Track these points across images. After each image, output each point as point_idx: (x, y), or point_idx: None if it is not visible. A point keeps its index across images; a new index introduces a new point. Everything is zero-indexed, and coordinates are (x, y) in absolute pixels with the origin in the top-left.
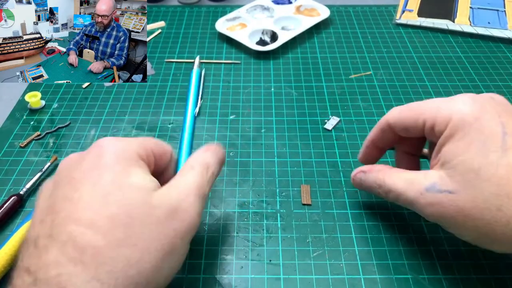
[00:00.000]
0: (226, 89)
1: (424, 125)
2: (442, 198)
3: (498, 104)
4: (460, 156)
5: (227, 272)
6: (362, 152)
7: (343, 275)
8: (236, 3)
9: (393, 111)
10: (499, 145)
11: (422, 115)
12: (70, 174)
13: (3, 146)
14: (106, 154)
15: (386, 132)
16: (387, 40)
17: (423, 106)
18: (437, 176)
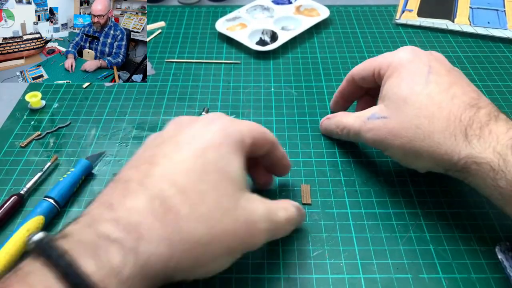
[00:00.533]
0: (226, 89)
1: (374, 71)
2: (378, 123)
3: (434, 56)
4: (394, 88)
5: (226, 271)
6: (332, 101)
7: (343, 274)
8: (236, 3)
9: (357, 65)
10: (423, 80)
11: (373, 63)
12: (177, 135)
13: (4, 146)
14: (215, 132)
15: (351, 83)
16: (387, 40)
17: (376, 58)
18: (377, 108)
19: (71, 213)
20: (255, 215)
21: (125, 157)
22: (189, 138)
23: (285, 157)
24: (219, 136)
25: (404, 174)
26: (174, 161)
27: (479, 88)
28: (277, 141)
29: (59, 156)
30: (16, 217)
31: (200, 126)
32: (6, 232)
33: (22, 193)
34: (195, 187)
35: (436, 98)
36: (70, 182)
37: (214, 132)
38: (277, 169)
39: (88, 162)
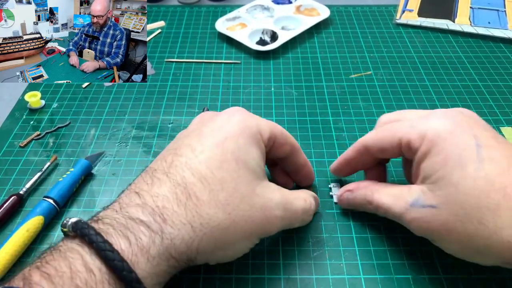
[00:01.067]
0: (226, 89)
1: (400, 144)
2: (426, 212)
3: (469, 117)
4: (439, 171)
5: (227, 272)
6: (335, 166)
7: (344, 275)
8: (236, 3)
9: (368, 134)
10: (474, 157)
11: (397, 133)
12: (200, 127)
13: (3, 145)
14: (234, 124)
15: (363, 154)
16: (387, 40)
17: (397, 125)
18: (419, 191)
19: (71, 213)
20: (271, 203)
21: (125, 157)
22: (210, 130)
23: (307, 166)
24: (238, 128)
25: None
26: (197, 151)
27: (480, 88)
28: (299, 147)
29: (58, 156)
30: (16, 217)
31: (221, 119)
32: (6, 232)
33: (21, 193)
34: (215, 175)
35: (497, 182)
36: (69, 182)
37: (233, 124)
38: (299, 177)
39: (87, 162)
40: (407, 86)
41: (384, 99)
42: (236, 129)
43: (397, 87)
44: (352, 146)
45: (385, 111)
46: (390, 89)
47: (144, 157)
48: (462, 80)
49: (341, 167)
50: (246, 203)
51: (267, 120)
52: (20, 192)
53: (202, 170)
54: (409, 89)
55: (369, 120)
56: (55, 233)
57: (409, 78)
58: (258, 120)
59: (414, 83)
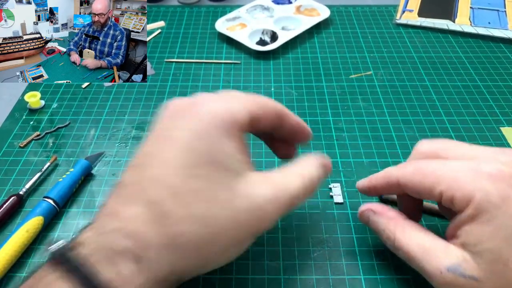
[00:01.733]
0: (226, 89)
1: (440, 196)
2: (465, 283)
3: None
4: (487, 242)
5: (227, 272)
6: (362, 185)
7: (344, 275)
8: (236, 3)
9: (404, 170)
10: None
11: (438, 185)
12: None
13: (3, 146)
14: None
15: (393, 187)
16: (387, 40)
17: (440, 173)
18: (460, 257)
19: (71, 213)
20: (259, 199)
21: (125, 157)
22: (178, 132)
23: (300, 123)
24: (208, 123)
25: None
26: (165, 160)
27: (480, 88)
28: (286, 110)
29: (58, 156)
30: (15, 218)
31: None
32: (5, 233)
33: (21, 193)
34: (187, 186)
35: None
36: (69, 182)
37: (202, 119)
38: (296, 137)
39: (87, 163)
40: (407, 86)
41: (384, 99)
42: (205, 125)
43: (397, 87)
44: (382, 175)
45: (385, 111)
46: (390, 89)
47: None
48: (462, 80)
49: (369, 190)
50: (228, 209)
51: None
52: (20, 193)
53: (173, 182)
54: (409, 89)
55: (369, 120)
56: (55, 234)
57: (409, 78)
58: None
59: (414, 83)
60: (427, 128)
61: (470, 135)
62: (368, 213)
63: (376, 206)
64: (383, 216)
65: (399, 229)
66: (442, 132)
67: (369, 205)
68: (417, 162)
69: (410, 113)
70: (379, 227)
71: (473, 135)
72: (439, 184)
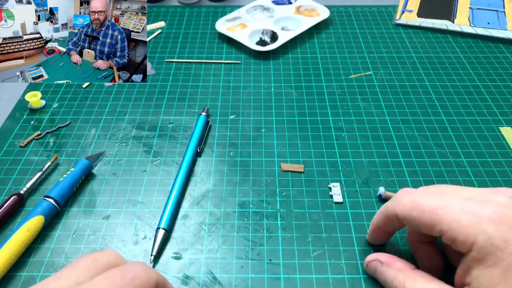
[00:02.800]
0: (226, 89)
1: (441, 234)
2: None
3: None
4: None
5: (227, 271)
6: (369, 233)
7: (343, 274)
8: (236, 3)
9: (402, 203)
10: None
11: (438, 224)
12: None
13: (4, 145)
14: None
15: (393, 221)
16: (386, 41)
17: (439, 213)
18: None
19: (71, 212)
20: None
21: (125, 157)
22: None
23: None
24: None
25: (404, 174)
26: None
27: (479, 88)
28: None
29: (59, 156)
30: (16, 217)
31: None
32: (6, 232)
33: (22, 192)
34: None
35: None
36: (70, 181)
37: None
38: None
39: (88, 162)
40: (407, 86)
41: (383, 99)
42: None
43: (396, 87)
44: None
45: (385, 111)
46: (390, 89)
47: (144, 157)
48: (462, 81)
49: (376, 234)
50: None
51: None
52: (21, 192)
53: None
54: (409, 89)
55: (368, 120)
56: (55, 233)
57: (409, 78)
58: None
59: (414, 83)
60: (426, 128)
61: (469, 135)
62: (376, 264)
63: (384, 257)
64: (391, 267)
65: (409, 281)
66: (441, 132)
67: (376, 255)
68: (414, 194)
69: (409, 113)
70: (387, 279)
71: (472, 135)
72: (439, 223)
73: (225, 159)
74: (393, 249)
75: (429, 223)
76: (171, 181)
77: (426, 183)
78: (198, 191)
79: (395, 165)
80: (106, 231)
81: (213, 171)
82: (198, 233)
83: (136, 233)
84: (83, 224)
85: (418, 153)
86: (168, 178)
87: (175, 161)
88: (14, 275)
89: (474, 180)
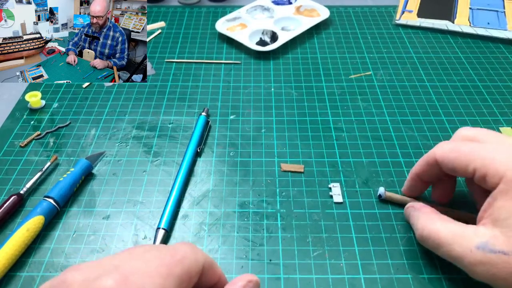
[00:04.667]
0: (226, 89)
1: (474, 173)
2: (495, 258)
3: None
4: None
5: (227, 271)
6: (406, 184)
7: (343, 274)
8: (236, 3)
9: (442, 148)
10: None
11: (473, 162)
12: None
13: (3, 145)
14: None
15: (433, 166)
16: (386, 41)
17: (474, 153)
18: (489, 235)
19: (71, 213)
20: None
21: (125, 157)
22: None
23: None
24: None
25: (404, 174)
26: None
27: (479, 88)
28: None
29: (58, 156)
30: (16, 217)
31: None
32: (6, 232)
33: (21, 192)
34: None
35: None
36: (70, 182)
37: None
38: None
39: (88, 162)
40: (407, 86)
41: (383, 100)
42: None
43: (396, 87)
44: (422, 158)
45: (385, 111)
46: (390, 90)
47: (144, 157)
48: (462, 81)
49: (413, 182)
50: None
51: None
52: (21, 192)
53: None
54: (409, 89)
55: (368, 120)
56: (55, 233)
57: (409, 78)
58: None
59: (414, 83)
60: (426, 128)
61: None
62: (410, 209)
63: (416, 204)
64: (420, 211)
65: (430, 221)
66: (441, 132)
67: (412, 203)
68: (455, 142)
69: (409, 113)
70: (415, 220)
71: None
72: (473, 162)
73: (225, 159)
74: (393, 249)
75: (464, 163)
76: (171, 181)
77: None
78: (198, 191)
79: (395, 165)
80: (106, 231)
81: (213, 171)
82: (198, 233)
83: (136, 233)
84: (83, 224)
85: (418, 153)
86: (168, 178)
87: (175, 161)
88: (14, 275)
89: None
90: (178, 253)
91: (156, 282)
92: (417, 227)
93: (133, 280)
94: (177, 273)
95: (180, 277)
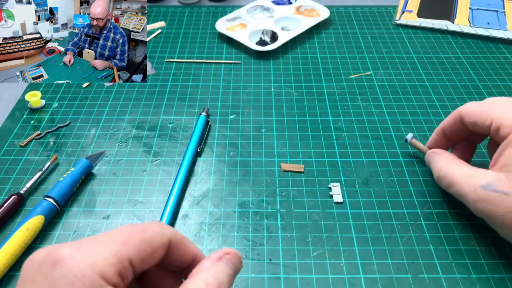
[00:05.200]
0: (226, 89)
1: (490, 125)
2: (495, 197)
3: None
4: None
5: None
6: (431, 138)
7: (343, 274)
8: (236, 3)
9: (468, 104)
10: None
11: (491, 115)
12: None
13: (3, 145)
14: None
15: (457, 122)
16: (386, 41)
17: (494, 107)
18: (495, 177)
19: (71, 212)
20: None
21: (125, 156)
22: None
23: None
24: None
25: (404, 174)
26: None
27: (479, 88)
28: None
29: (59, 156)
30: (16, 217)
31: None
32: (6, 232)
33: (21, 192)
34: None
35: None
36: (70, 181)
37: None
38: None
39: (88, 162)
40: (407, 86)
41: (383, 99)
42: None
43: (396, 87)
44: (449, 115)
45: (385, 111)
46: (390, 89)
47: (144, 157)
48: (461, 81)
49: (438, 137)
50: None
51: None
52: (21, 192)
53: None
54: (409, 89)
55: (368, 120)
56: (55, 233)
57: (409, 78)
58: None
59: (414, 83)
60: (426, 128)
61: None
62: (431, 155)
63: (437, 150)
64: (440, 155)
65: (449, 163)
66: None
67: (434, 149)
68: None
69: (409, 113)
70: (435, 164)
71: None
72: (491, 115)
73: (225, 159)
74: (393, 249)
75: (484, 116)
76: (171, 181)
77: (427, 184)
78: (198, 191)
79: (395, 165)
80: None
81: (213, 171)
82: (198, 233)
83: None
84: (83, 224)
85: (418, 153)
86: (168, 178)
87: (175, 161)
88: (14, 275)
89: None
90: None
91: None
92: (435, 168)
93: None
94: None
95: (139, 246)
